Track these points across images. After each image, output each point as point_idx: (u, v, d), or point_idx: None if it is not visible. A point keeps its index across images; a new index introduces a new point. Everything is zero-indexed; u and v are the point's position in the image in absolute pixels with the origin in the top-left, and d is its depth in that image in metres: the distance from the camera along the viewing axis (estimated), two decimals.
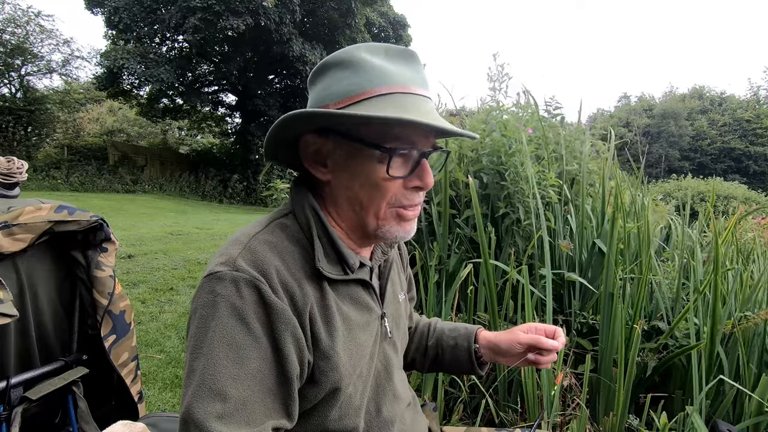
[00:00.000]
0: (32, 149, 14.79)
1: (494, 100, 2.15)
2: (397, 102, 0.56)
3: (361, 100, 0.56)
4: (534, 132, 2.00)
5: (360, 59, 0.58)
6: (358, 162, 0.59)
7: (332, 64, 0.60)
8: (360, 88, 0.57)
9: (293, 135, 0.62)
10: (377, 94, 0.56)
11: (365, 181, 0.60)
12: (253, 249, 0.56)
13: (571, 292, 1.80)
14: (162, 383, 2.17)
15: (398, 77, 0.58)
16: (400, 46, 0.61)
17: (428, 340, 0.90)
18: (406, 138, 0.58)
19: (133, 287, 3.67)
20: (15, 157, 1.16)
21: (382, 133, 0.57)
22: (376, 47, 0.60)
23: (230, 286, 0.52)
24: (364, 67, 0.57)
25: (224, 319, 0.51)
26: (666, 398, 1.55)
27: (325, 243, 0.62)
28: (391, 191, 0.60)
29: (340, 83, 0.58)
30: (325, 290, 0.60)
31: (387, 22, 19.32)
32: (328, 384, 0.58)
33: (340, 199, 0.63)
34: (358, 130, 0.58)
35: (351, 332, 0.62)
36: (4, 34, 14.54)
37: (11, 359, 0.88)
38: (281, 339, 0.53)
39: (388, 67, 0.58)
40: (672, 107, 32.95)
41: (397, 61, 0.60)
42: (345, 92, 0.57)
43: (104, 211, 6.84)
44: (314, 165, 0.63)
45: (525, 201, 1.74)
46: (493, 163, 1.88)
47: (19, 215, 0.87)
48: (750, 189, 13.42)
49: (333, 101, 0.58)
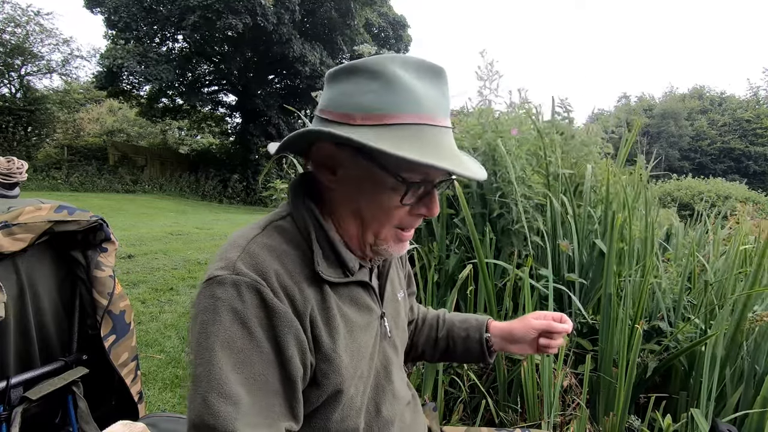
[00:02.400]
0: (32, 149, 14.80)
1: (485, 99, 2.12)
2: (425, 138, 0.55)
3: (386, 124, 0.54)
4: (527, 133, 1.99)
5: (392, 74, 0.55)
6: (370, 183, 0.58)
7: (362, 70, 0.57)
8: (388, 108, 0.54)
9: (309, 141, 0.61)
10: (405, 123, 0.54)
11: (372, 202, 0.60)
12: (252, 252, 0.56)
13: (572, 293, 1.80)
14: (162, 383, 2.16)
15: (427, 104, 0.56)
16: (430, 62, 0.59)
17: (438, 332, 0.91)
18: (424, 173, 0.58)
19: (133, 287, 3.67)
20: (15, 157, 1.17)
21: (402, 164, 0.55)
22: (409, 62, 0.58)
23: (231, 289, 0.52)
24: (394, 85, 0.55)
25: (226, 324, 0.51)
26: (667, 399, 1.54)
27: (325, 246, 0.61)
28: (397, 217, 0.61)
29: (366, 95, 0.55)
30: (326, 293, 0.60)
31: (387, 22, 19.33)
32: (331, 386, 0.58)
33: (342, 208, 0.63)
34: (376, 153, 0.55)
35: (352, 334, 0.62)
36: (4, 34, 14.54)
37: (11, 359, 0.88)
38: (284, 342, 0.53)
39: (418, 89, 0.56)
40: (672, 107, 32.95)
41: (427, 80, 0.58)
42: (371, 107, 0.55)
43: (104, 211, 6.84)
44: (322, 170, 0.62)
45: (518, 201, 1.74)
46: (487, 164, 1.87)
47: (19, 215, 0.87)
48: (750, 189, 13.41)
49: (356, 111, 0.55)
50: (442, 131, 0.57)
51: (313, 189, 0.65)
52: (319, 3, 16.07)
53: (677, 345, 1.60)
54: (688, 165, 29.51)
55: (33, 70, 15.91)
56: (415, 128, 0.55)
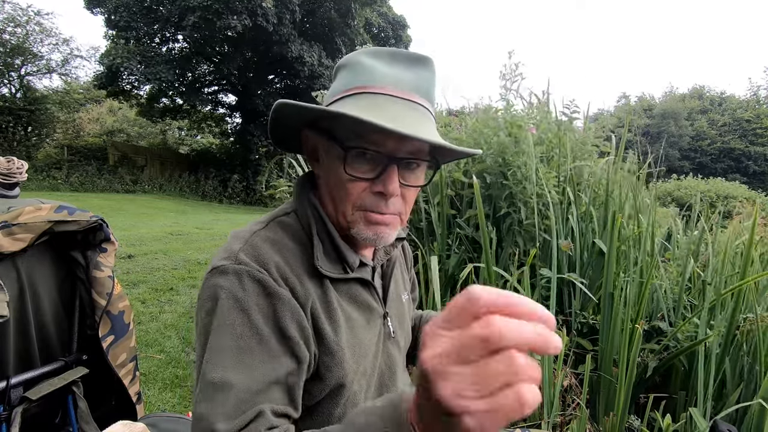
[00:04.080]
0: (32, 149, 14.79)
1: (504, 99, 2.13)
2: (366, 101, 0.56)
3: (338, 98, 0.59)
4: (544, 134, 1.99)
5: (357, 61, 0.60)
6: (330, 158, 0.60)
7: (339, 66, 0.63)
8: (343, 87, 0.59)
9: (293, 127, 0.64)
10: (351, 93, 0.58)
11: (334, 178, 0.60)
12: (254, 244, 0.57)
13: (572, 292, 1.80)
14: (162, 383, 2.16)
15: (383, 78, 0.57)
16: (413, 53, 0.61)
17: (418, 332, 0.91)
18: (369, 139, 0.55)
19: (133, 287, 3.67)
20: (15, 157, 1.17)
21: (349, 132, 0.56)
22: (382, 51, 0.61)
23: (233, 278, 0.54)
24: (355, 68, 0.60)
25: (226, 311, 0.52)
26: (667, 398, 1.54)
27: (325, 241, 0.62)
28: (354, 193, 0.59)
29: (337, 83, 0.61)
30: (326, 287, 0.61)
31: (386, 22, 19.32)
32: (333, 380, 0.59)
33: (325, 195, 0.64)
34: (333, 127, 0.59)
35: (353, 330, 0.63)
36: (4, 34, 14.53)
37: (11, 359, 0.88)
38: (286, 326, 0.54)
39: (380, 68, 0.58)
40: (672, 107, 32.91)
41: (398, 64, 0.60)
42: (333, 91, 0.61)
43: (104, 211, 6.84)
44: (311, 160, 0.65)
45: (528, 201, 1.74)
46: (497, 164, 1.87)
47: (19, 215, 0.87)
48: (750, 189, 13.40)
49: (327, 100, 0.62)
50: (396, 100, 0.57)
51: (314, 184, 0.67)
52: (319, 3, 16.06)
53: (677, 345, 1.60)
54: (688, 165, 29.48)
55: (33, 70, 15.90)
56: (360, 95, 0.57)
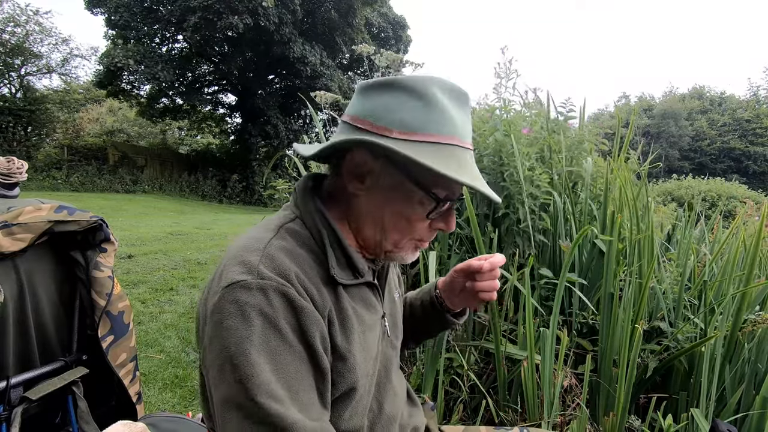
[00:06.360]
0: (32, 149, 14.78)
1: (500, 97, 2.11)
2: (456, 158, 0.59)
3: (423, 141, 0.57)
4: (538, 133, 1.98)
5: (432, 96, 0.59)
6: (400, 194, 0.61)
7: (402, 87, 0.59)
8: (427, 127, 0.58)
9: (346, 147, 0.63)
10: (441, 142, 0.58)
11: (398, 214, 0.62)
12: (272, 255, 0.56)
13: (572, 293, 1.79)
14: (162, 383, 2.16)
15: (460, 127, 0.60)
16: (458, 86, 0.63)
17: (404, 313, 0.91)
18: (450, 189, 0.62)
19: (133, 287, 3.67)
20: (15, 157, 1.16)
21: (434, 180, 0.59)
22: (446, 85, 0.61)
23: (258, 294, 0.53)
24: (434, 106, 0.58)
25: (258, 328, 0.51)
26: (667, 399, 1.54)
27: (337, 250, 0.63)
28: (419, 229, 0.63)
29: (408, 112, 0.58)
30: (340, 294, 0.62)
31: (387, 22, 19.34)
32: (345, 385, 0.60)
33: (364, 216, 0.64)
34: (412, 167, 0.58)
35: (364, 334, 0.64)
36: (4, 34, 14.53)
37: (11, 359, 0.88)
38: (312, 338, 0.54)
39: (452, 112, 0.60)
40: (672, 107, 32.92)
41: (456, 103, 0.62)
42: (411, 125, 0.58)
43: (104, 211, 6.84)
44: (351, 177, 0.63)
45: (524, 201, 1.74)
46: (495, 164, 1.87)
47: (19, 215, 0.87)
48: (750, 189, 13.40)
49: (395, 127, 0.58)
50: (467, 153, 0.61)
51: (320, 191, 0.67)
52: (319, 3, 16.06)
53: (677, 345, 1.60)
54: (688, 165, 29.49)
55: (33, 69, 15.90)
56: (449, 148, 0.59)
